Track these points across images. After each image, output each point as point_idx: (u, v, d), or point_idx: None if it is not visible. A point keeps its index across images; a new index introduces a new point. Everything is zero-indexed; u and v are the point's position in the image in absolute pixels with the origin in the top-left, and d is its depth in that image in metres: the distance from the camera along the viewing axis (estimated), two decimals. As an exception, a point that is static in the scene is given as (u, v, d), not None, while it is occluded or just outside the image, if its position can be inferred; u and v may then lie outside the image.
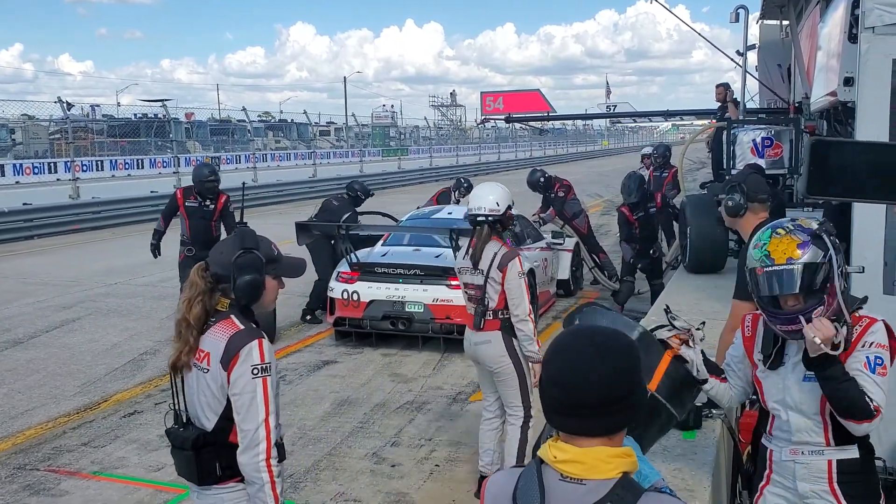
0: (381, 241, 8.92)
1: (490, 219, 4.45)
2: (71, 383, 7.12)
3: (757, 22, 11.72)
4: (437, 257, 8.10)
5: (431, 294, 7.84)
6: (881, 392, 2.36)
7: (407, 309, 7.90)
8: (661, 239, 11.48)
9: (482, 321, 4.50)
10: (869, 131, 3.79)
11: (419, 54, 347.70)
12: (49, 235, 17.11)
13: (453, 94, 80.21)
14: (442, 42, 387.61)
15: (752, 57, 11.31)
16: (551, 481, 1.43)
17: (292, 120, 43.38)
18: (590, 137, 76.54)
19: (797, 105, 8.47)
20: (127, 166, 25.24)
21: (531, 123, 16.66)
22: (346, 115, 43.65)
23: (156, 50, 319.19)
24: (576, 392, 1.43)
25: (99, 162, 24.52)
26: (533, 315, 4.52)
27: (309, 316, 9.06)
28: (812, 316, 2.33)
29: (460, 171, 38.76)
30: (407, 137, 50.79)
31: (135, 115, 33.14)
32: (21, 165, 22.04)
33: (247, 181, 28.89)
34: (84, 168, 22.50)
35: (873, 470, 2.58)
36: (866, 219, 3.90)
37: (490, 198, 4.47)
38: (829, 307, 2.37)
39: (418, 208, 10.28)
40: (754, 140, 7.76)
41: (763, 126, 8.16)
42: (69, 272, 12.62)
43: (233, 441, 2.52)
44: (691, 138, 13.74)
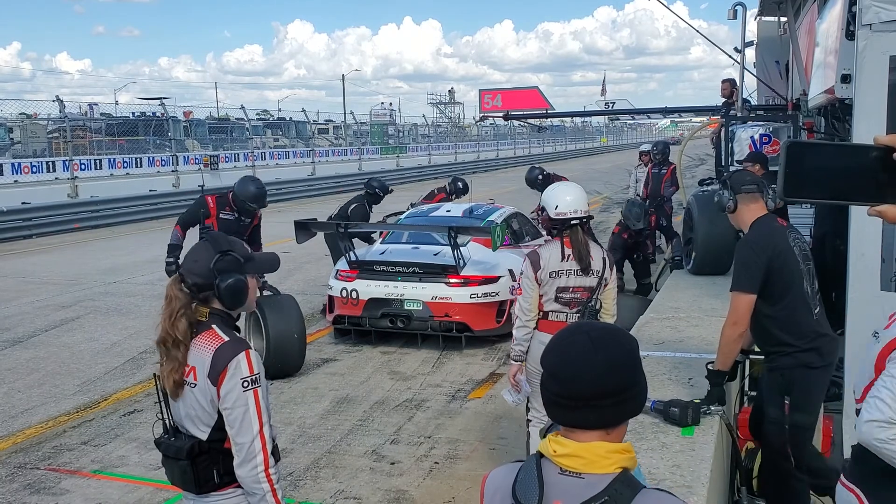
0: (380, 239, 8.94)
1: (584, 220, 4.36)
2: (71, 382, 7.12)
3: (755, 18, 11.72)
4: (436, 255, 8.10)
5: (430, 292, 7.84)
6: None
7: (406, 307, 7.91)
8: (660, 237, 11.49)
9: None
10: (866, 128, 3.80)
11: (417, 52, 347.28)
12: (48, 234, 17.12)
13: (452, 92, 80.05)
14: (440, 39, 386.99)
15: (750, 54, 11.31)
16: (550, 475, 1.44)
17: (291, 118, 43.30)
18: (588, 134, 76.44)
19: (795, 102, 8.47)
20: (125, 165, 25.16)
21: (530, 121, 16.64)
22: (345, 113, 43.65)
23: (153, 48, 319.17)
24: (571, 384, 1.45)
25: (97, 161, 24.42)
26: None
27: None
28: None
29: (459, 169, 38.80)
30: (405, 135, 50.69)
31: (133, 114, 33.04)
32: (19, 164, 21.97)
33: (245, 179, 28.31)
34: (82, 167, 22.45)
35: None
36: (864, 216, 3.90)
37: (582, 198, 4.41)
38: None
39: (412, 205, 10.29)
40: (752, 137, 7.77)
41: (761, 123, 8.17)
42: (68, 271, 12.62)
43: (228, 448, 2.49)
44: (690, 135, 13.74)
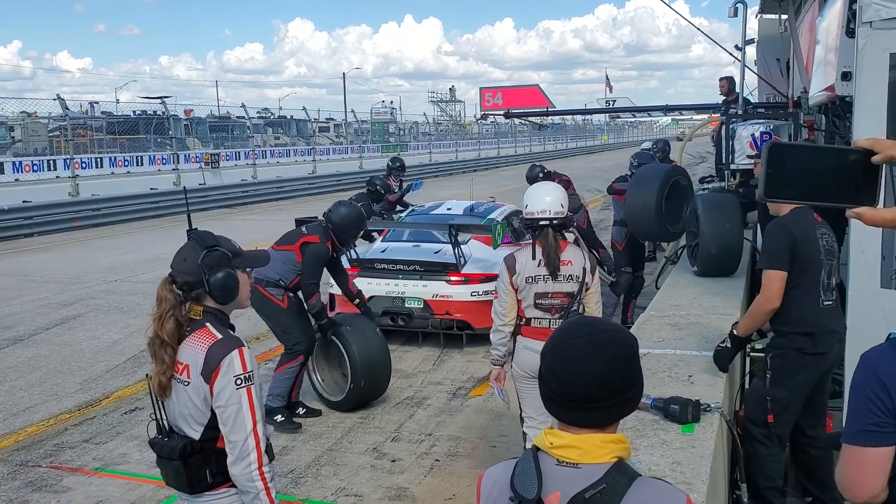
0: (381, 237, 8.95)
1: (555, 222, 4.16)
2: (72, 380, 7.14)
3: (756, 16, 11.71)
4: (437, 253, 8.11)
5: (431, 290, 7.85)
6: None
7: (406, 305, 7.91)
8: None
9: None
10: (866, 126, 3.80)
11: (418, 50, 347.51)
12: (49, 233, 17.14)
13: (452, 90, 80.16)
14: (441, 38, 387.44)
15: (751, 51, 11.30)
16: (548, 466, 1.46)
17: (291, 116, 43.27)
18: (589, 132, 76.42)
19: (796, 99, 8.46)
20: (126, 163, 25.15)
21: (530, 119, 16.61)
22: (346, 112, 43.54)
23: (154, 46, 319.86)
24: (567, 386, 1.47)
25: (98, 159, 24.43)
26: None
27: None
28: None
29: (460, 167, 38.82)
30: (406, 133, 50.68)
31: (134, 113, 33.04)
32: (20, 163, 21.98)
33: (246, 178, 28.60)
34: (83, 165, 22.46)
35: None
36: (864, 213, 3.90)
37: (555, 200, 4.19)
38: None
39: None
40: (753, 135, 7.75)
41: (762, 121, 8.15)
42: (69, 269, 12.64)
43: (221, 447, 2.47)
44: (691, 133, 13.73)
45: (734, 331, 3.94)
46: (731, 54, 10.23)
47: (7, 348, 8.24)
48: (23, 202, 17.65)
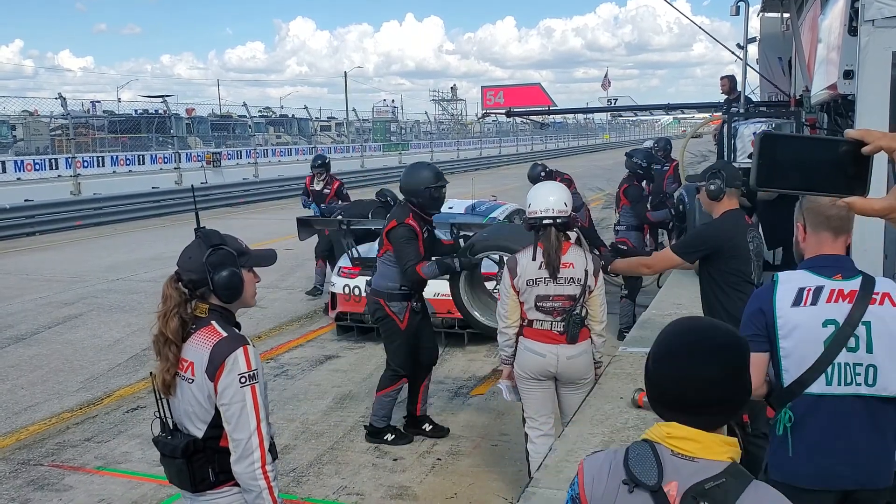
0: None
1: (559, 221, 4.09)
2: (74, 379, 7.14)
3: (757, 15, 11.72)
4: (439, 252, 8.09)
5: (432, 288, 7.79)
6: None
7: (408, 303, 7.89)
8: (662, 234, 11.47)
9: (578, 332, 4.15)
10: (869, 123, 3.79)
11: (419, 49, 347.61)
12: (51, 232, 17.15)
13: (454, 89, 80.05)
14: (442, 36, 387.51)
15: (753, 50, 11.31)
16: (664, 454, 1.49)
17: (293, 115, 43.20)
18: (591, 131, 76.34)
19: (798, 98, 8.46)
20: (128, 162, 25.15)
21: (532, 117, 16.62)
22: (347, 110, 43.47)
23: (155, 45, 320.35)
24: (680, 393, 1.50)
25: (100, 158, 24.43)
26: None
27: None
28: None
29: (462, 166, 38.80)
30: (408, 132, 50.65)
31: (135, 111, 32.97)
32: (22, 162, 21.98)
33: (248, 177, 28.54)
34: (85, 164, 22.47)
35: None
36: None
37: (558, 199, 4.11)
38: None
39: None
40: (755, 133, 7.74)
41: (764, 119, 8.14)
42: (71, 268, 12.64)
43: (224, 446, 2.47)
44: (693, 131, 13.74)
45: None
46: (733, 53, 10.24)
47: (9, 347, 8.25)
48: (24, 201, 17.67)
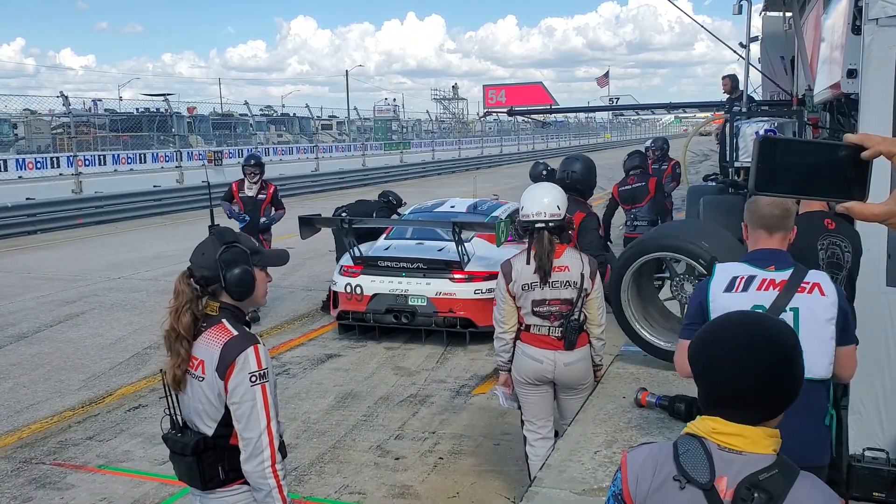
0: (384, 235, 8.93)
1: (551, 224, 3.98)
2: (75, 377, 7.14)
3: (760, 14, 11.67)
4: (440, 251, 8.10)
5: (434, 287, 7.84)
6: None
7: (410, 302, 7.91)
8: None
9: (576, 338, 4.07)
10: (872, 123, 3.78)
11: (421, 47, 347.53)
12: (52, 230, 17.16)
13: (455, 88, 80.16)
14: (443, 35, 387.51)
15: (755, 49, 11.27)
16: (712, 449, 1.50)
17: (294, 114, 43.14)
18: (592, 130, 76.26)
19: (800, 97, 8.44)
20: (129, 161, 25.14)
21: (533, 116, 16.61)
22: (349, 109, 43.58)
23: (157, 44, 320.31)
24: (727, 387, 1.50)
25: (101, 156, 24.43)
26: None
27: None
28: None
29: (463, 165, 38.80)
30: (409, 131, 50.60)
31: (137, 110, 32.98)
32: (24, 160, 21.97)
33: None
34: (86, 163, 22.46)
35: None
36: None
37: (552, 202, 4.00)
38: None
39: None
40: (757, 132, 7.73)
41: (766, 118, 8.13)
42: (72, 267, 12.65)
43: (234, 444, 2.48)
44: (694, 130, 13.74)
45: None
46: (735, 52, 10.21)
47: (10, 345, 8.25)
48: (26, 199, 17.68)
